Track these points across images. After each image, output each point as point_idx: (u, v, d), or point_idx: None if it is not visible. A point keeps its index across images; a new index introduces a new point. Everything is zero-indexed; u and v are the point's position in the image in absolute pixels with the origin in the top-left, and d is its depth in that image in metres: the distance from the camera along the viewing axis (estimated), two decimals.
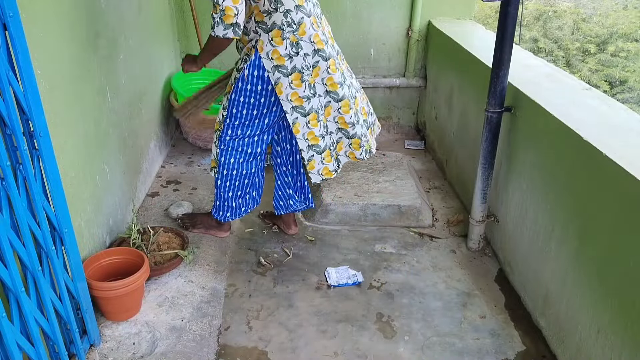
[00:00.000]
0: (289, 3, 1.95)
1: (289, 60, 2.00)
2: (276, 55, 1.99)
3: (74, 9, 1.91)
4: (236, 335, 1.99)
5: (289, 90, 2.05)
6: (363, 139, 2.28)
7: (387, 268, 2.39)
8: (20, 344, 1.34)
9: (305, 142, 2.17)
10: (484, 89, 2.28)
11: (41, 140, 1.42)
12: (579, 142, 1.70)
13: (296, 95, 2.06)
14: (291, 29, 1.97)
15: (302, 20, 1.98)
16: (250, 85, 2.05)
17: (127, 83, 2.51)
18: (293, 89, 2.05)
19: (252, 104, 2.10)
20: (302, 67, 2.02)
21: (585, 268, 1.71)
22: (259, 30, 1.99)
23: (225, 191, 2.33)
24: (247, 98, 2.08)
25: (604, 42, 6.55)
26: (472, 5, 3.64)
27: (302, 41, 1.99)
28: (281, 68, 2.01)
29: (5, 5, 1.25)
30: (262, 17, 1.97)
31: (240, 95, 2.09)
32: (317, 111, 2.13)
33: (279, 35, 1.97)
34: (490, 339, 1.99)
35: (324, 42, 2.05)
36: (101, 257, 1.97)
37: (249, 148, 2.24)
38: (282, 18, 1.95)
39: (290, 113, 2.09)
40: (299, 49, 2.00)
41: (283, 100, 2.06)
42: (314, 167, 2.24)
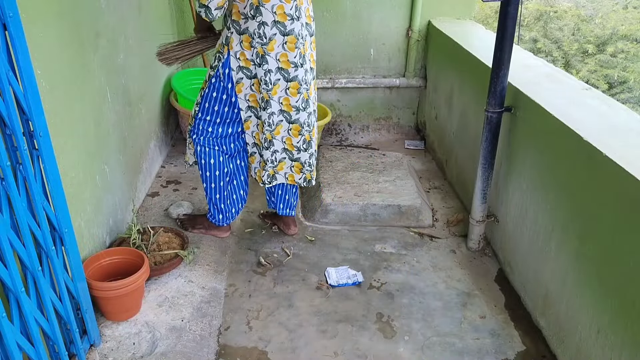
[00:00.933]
0: (268, 16, 1.97)
1: (254, 66, 2.06)
2: (243, 58, 2.05)
3: (74, 9, 1.91)
4: (236, 335, 1.99)
5: (249, 91, 2.12)
6: (305, 166, 2.33)
7: (387, 268, 2.39)
8: (20, 344, 1.34)
9: (252, 139, 2.25)
10: (484, 89, 2.28)
11: (41, 140, 1.42)
12: (579, 142, 1.70)
13: (254, 97, 2.13)
14: (260, 41, 2.01)
15: (273, 37, 2.00)
16: (222, 82, 2.11)
17: (127, 83, 2.51)
18: (253, 91, 2.12)
19: (223, 101, 2.15)
20: (261, 79, 2.07)
21: (585, 268, 1.71)
22: (232, 29, 2.03)
23: (213, 194, 2.34)
24: (219, 94, 2.14)
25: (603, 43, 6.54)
26: (472, 5, 3.64)
27: (268, 56, 2.03)
28: (245, 70, 2.07)
29: (5, 5, 1.25)
30: (239, 17, 2.00)
31: (212, 90, 2.14)
32: (264, 121, 2.17)
33: (248, 41, 2.02)
34: (490, 339, 1.99)
35: (292, 64, 2.07)
36: (101, 257, 1.97)
37: (225, 146, 2.27)
38: (255, 28, 1.99)
39: (245, 111, 2.16)
40: (263, 62, 2.04)
41: (241, 99, 2.13)
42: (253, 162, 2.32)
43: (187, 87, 3.40)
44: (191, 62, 3.68)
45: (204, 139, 2.23)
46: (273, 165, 2.29)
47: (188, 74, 3.46)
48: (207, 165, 2.28)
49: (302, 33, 2.07)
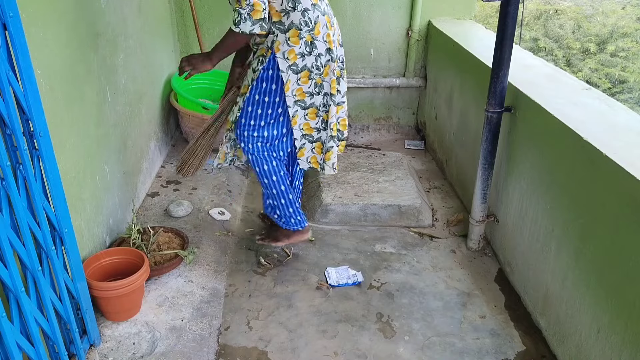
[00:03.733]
0: (306, 1, 1.96)
1: (301, 58, 2.02)
2: (292, 55, 2.01)
3: (74, 9, 1.91)
4: (236, 335, 1.99)
5: (295, 86, 2.07)
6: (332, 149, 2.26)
7: (387, 268, 2.39)
8: (20, 344, 1.34)
9: (300, 132, 2.20)
10: (484, 89, 2.28)
11: (41, 140, 1.42)
12: (579, 142, 1.70)
13: (300, 91, 2.09)
14: (308, 28, 1.98)
15: (317, 19, 1.99)
16: (266, 84, 2.07)
17: (127, 83, 2.51)
18: (299, 85, 2.07)
19: (267, 104, 2.11)
20: (312, 66, 2.04)
21: (585, 268, 1.71)
22: (276, 31, 1.99)
23: (278, 199, 2.28)
24: (262, 96, 2.10)
25: (604, 42, 6.54)
26: (472, 5, 3.64)
27: (317, 40, 2.01)
28: (293, 67, 2.03)
29: (5, 5, 1.25)
30: (280, 16, 1.97)
31: (256, 93, 2.10)
32: (317, 107, 2.15)
33: (296, 35, 1.98)
34: (490, 339, 1.99)
35: (334, 43, 2.07)
36: (101, 257, 1.97)
37: (275, 152, 2.22)
38: (300, 17, 1.96)
39: (292, 107, 2.10)
40: (313, 49, 2.01)
41: (288, 96, 2.08)
42: (303, 154, 2.27)
43: (187, 87, 3.40)
44: None
45: (252, 146, 2.19)
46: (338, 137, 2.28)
47: None
48: (263, 172, 2.23)
49: (329, 12, 2.09)
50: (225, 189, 2.93)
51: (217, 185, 2.94)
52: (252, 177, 3.21)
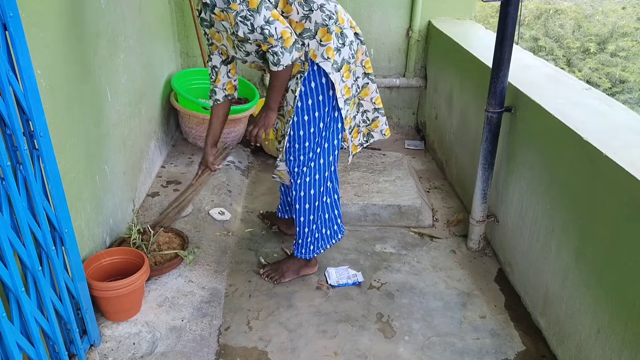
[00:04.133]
0: None
1: (338, 53, 1.93)
2: (330, 53, 1.91)
3: (74, 9, 1.91)
4: (236, 335, 1.99)
5: (342, 84, 1.98)
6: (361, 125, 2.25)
7: (387, 268, 2.39)
8: (20, 344, 1.34)
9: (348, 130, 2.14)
10: (484, 89, 2.28)
11: (41, 140, 1.42)
12: (579, 142, 1.70)
13: (346, 88, 2.02)
14: (333, 20, 1.91)
15: (336, 8, 1.95)
16: (311, 99, 1.96)
17: (127, 83, 2.51)
18: (344, 81, 2.00)
19: (318, 118, 2.00)
20: (349, 56, 1.98)
21: (585, 268, 1.71)
22: (305, 40, 1.90)
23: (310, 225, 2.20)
24: (312, 113, 1.99)
25: (604, 41, 6.54)
26: (472, 5, 3.64)
27: (345, 29, 1.96)
28: (334, 65, 1.93)
29: (5, 5, 1.25)
30: (302, 25, 1.89)
31: (303, 114, 1.98)
32: (355, 96, 2.11)
33: (325, 32, 1.90)
34: (490, 339, 1.99)
35: (355, 24, 2.05)
36: (101, 257, 1.97)
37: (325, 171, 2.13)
38: (321, 14, 1.88)
39: (343, 107, 2.01)
40: (345, 39, 1.95)
41: (339, 98, 1.98)
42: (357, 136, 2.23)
43: (187, 87, 3.40)
44: (191, 62, 3.69)
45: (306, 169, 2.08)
46: (367, 124, 2.23)
47: (188, 74, 3.46)
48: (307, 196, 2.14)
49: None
50: (225, 189, 2.93)
51: (217, 185, 2.94)
52: (252, 177, 3.21)
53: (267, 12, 1.76)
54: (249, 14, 1.75)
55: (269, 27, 1.76)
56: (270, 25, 1.76)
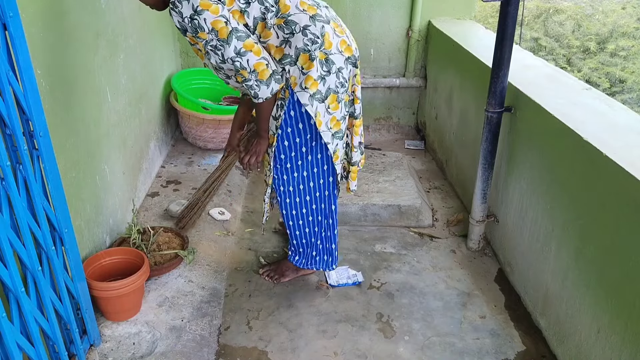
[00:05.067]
0: (302, 18, 1.73)
1: (322, 82, 1.78)
2: (310, 82, 1.77)
3: (74, 9, 1.91)
4: (236, 335, 1.99)
5: (328, 117, 1.84)
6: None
7: (387, 268, 2.39)
8: (20, 344, 1.34)
9: (340, 166, 2.02)
10: (484, 89, 2.28)
11: (41, 140, 1.42)
12: (579, 142, 1.70)
13: (334, 120, 1.87)
14: (317, 45, 1.74)
15: (323, 30, 1.75)
16: (290, 127, 1.88)
17: (127, 83, 2.51)
18: (331, 113, 1.85)
19: (299, 143, 1.92)
20: (336, 85, 1.81)
21: (585, 268, 1.71)
22: (286, 67, 1.78)
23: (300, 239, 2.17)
24: (292, 139, 1.91)
25: (604, 41, 6.55)
26: (472, 5, 3.64)
27: (331, 55, 1.78)
28: (317, 95, 1.79)
29: (5, 5, 1.25)
30: (282, 51, 1.77)
31: (283, 140, 1.91)
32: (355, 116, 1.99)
33: (306, 59, 1.75)
34: (490, 339, 1.99)
35: (354, 49, 1.86)
36: (101, 257, 1.97)
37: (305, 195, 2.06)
38: (303, 38, 1.73)
39: (331, 142, 1.89)
40: (331, 65, 1.78)
41: (324, 131, 1.85)
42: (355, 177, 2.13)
43: (187, 87, 3.40)
44: (191, 62, 3.69)
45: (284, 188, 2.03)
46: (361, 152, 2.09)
47: (188, 74, 3.46)
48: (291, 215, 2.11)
49: (332, 15, 1.86)
50: (225, 189, 2.93)
51: None
52: (252, 177, 3.21)
53: (238, 42, 1.66)
54: (218, 44, 1.67)
55: (240, 59, 1.68)
56: (242, 57, 1.68)
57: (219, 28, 1.65)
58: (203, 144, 3.33)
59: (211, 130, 3.24)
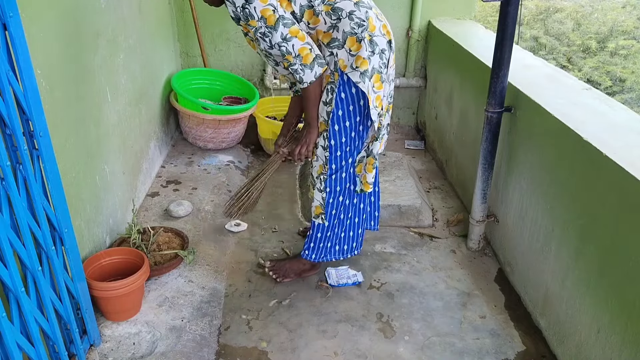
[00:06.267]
0: (348, 5, 1.82)
1: (369, 62, 1.85)
2: (360, 61, 1.84)
3: (74, 9, 1.91)
4: (236, 335, 1.99)
5: (373, 95, 1.89)
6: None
7: (387, 268, 2.39)
8: (20, 344, 1.34)
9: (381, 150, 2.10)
10: (484, 89, 2.28)
11: (41, 140, 1.42)
12: (579, 142, 1.70)
13: (379, 99, 1.92)
14: (363, 28, 1.82)
15: (367, 14, 1.83)
16: (341, 110, 1.92)
17: (127, 83, 2.51)
18: (376, 92, 1.90)
19: (349, 127, 1.96)
20: (380, 66, 1.87)
21: (585, 268, 1.71)
22: (334, 50, 1.86)
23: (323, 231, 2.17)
24: (342, 123, 1.94)
25: (604, 40, 6.55)
26: (472, 5, 3.64)
27: (375, 36, 1.85)
28: (366, 73, 1.85)
29: (5, 5, 1.25)
30: (330, 35, 1.85)
31: (334, 124, 1.94)
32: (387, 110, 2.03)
33: (354, 41, 1.83)
34: (490, 339, 1.99)
35: (391, 32, 1.94)
36: (101, 257, 1.97)
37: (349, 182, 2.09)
38: (349, 22, 1.81)
39: (375, 119, 1.93)
40: (375, 47, 1.84)
41: (372, 108, 1.90)
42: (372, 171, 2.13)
43: (187, 87, 3.40)
44: (191, 62, 3.69)
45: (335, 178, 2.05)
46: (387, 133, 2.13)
47: (188, 74, 3.46)
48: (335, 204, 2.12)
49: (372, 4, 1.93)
50: (225, 189, 2.93)
51: (217, 185, 2.94)
52: None
53: (284, 29, 1.75)
54: (267, 30, 1.76)
55: (286, 44, 1.77)
56: (288, 43, 1.77)
57: (267, 16, 1.75)
58: (203, 144, 3.33)
59: (211, 130, 3.24)
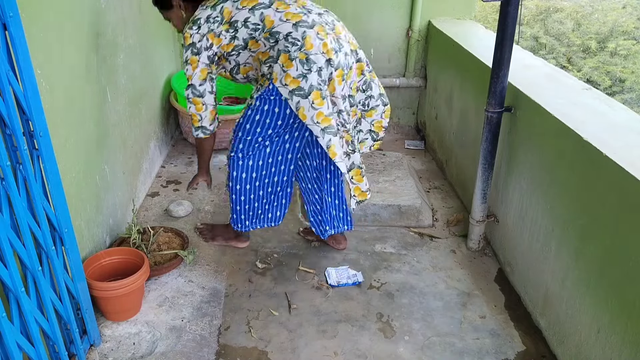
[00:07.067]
0: (286, 27, 1.89)
1: (304, 80, 1.88)
2: (289, 80, 1.89)
3: (74, 9, 1.91)
4: (236, 335, 1.99)
5: (313, 112, 1.91)
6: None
7: (387, 268, 2.39)
8: (20, 344, 1.34)
9: (344, 163, 2.05)
10: (484, 89, 2.28)
11: (41, 140, 1.42)
12: (579, 142, 1.70)
13: (322, 115, 1.92)
14: (296, 47, 1.87)
15: (305, 34, 1.88)
16: (267, 105, 1.97)
17: (127, 83, 2.51)
18: (316, 109, 1.91)
19: (268, 125, 2.02)
20: (319, 83, 1.89)
21: (585, 268, 1.71)
22: (270, 64, 1.94)
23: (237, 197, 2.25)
24: (263, 117, 2.01)
25: (604, 40, 6.55)
26: (472, 5, 3.64)
27: (312, 55, 1.88)
28: (297, 91, 1.89)
29: (5, 5, 1.25)
30: (267, 54, 1.94)
31: (256, 113, 2.01)
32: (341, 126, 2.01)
33: (286, 58, 1.88)
34: (490, 339, 1.99)
35: (334, 51, 1.93)
36: (101, 257, 1.97)
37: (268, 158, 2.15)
38: (284, 42, 1.89)
39: (322, 137, 1.94)
40: (311, 65, 1.88)
41: (310, 124, 1.92)
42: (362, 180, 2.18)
43: None
44: None
45: (242, 154, 2.15)
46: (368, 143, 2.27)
47: None
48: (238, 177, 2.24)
49: (325, 20, 1.97)
50: (225, 189, 2.93)
51: (217, 185, 2.94)
52: None
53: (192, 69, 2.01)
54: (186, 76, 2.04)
55: (186, 66, 2.02)
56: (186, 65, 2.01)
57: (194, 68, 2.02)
58: None
59: None
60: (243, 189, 2.20)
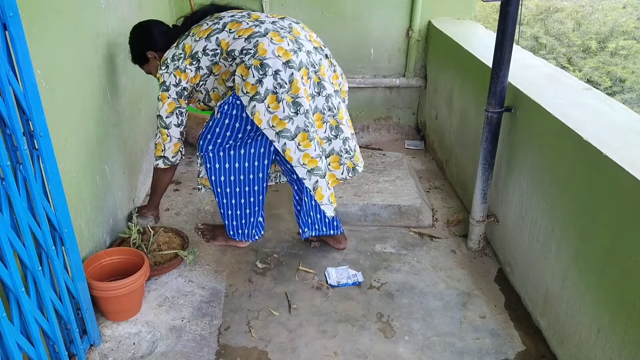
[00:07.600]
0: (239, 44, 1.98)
1: (260, 85, 1.91)
2: (249, 87, 1.93)
3: (74, 9, 1.91)
4: (236, 335, 1.99)
5: (268, 116, 1.94)
6: (343, 154, 2.16)
7: (387, 268, 2.39)
8: (20, 344, 1.34)
9: (304, 168, 2.02)
10: (484, 89, 2.28)
11: (41, 140, 1.42)
12: (579, 142, 1.70)
13: (277, 119, 1.94)
14: (250, 55, 1.94)
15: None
16: (235, 111, 2.05)
17: (127, 83, 2.51)
18: (272, 112, 1.94)
19: (237, 129, 2.09)
20: (275, 86, 1.91)
21: (585, 268, 1.71)
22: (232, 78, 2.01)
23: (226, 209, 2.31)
24: (232, 122, 2.08)
25: (604, 40, 6.55)
26: (472, 5, 3.64)
27: (266, 59, 1.91)
28: (255, 96, 1.92)
29: (5, 5, 1.25)
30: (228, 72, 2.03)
31: (225, 117, 2.07)
32: (305, 129, 1.97)
33: (243, 68, 1.94)
34: (490, 339, 1.99)
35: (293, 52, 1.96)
36: (101, 257, 1.97)
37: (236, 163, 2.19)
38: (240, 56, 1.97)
39: (277, 140, 1.97)
40: (266, 69, 1.91)
41: (265, 129, 1.96)
42: (323, 195, 2.09)
43: None
44: None
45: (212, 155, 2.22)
46: (350, 155, 2.21)
47: None
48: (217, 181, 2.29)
49: (282, 25, 2.04)
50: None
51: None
52: None
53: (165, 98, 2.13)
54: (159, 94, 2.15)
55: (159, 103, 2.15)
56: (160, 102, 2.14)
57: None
58: None
59: None
60: (228, 182, 2.23)
